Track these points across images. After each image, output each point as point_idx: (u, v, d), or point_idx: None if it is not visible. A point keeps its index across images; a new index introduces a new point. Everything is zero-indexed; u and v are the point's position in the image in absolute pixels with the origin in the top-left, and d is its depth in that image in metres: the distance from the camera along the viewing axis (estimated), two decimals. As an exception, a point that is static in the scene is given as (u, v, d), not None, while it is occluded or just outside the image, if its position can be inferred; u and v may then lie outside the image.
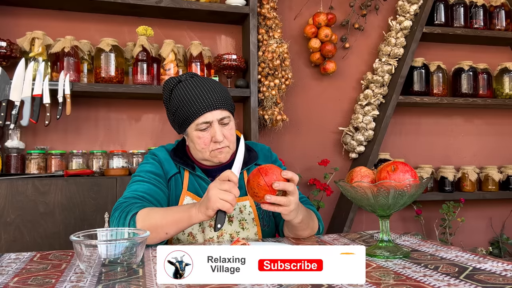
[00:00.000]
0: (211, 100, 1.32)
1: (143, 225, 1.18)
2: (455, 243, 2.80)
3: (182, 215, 1.19)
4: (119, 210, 1.25)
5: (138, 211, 1.21)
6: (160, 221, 1.19)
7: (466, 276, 0.86)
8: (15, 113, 2.03)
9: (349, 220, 2.56)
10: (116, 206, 1.28)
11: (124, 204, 1.26)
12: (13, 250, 1.87)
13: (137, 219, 1.19)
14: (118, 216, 1.23)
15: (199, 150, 1.36)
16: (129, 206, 1.24)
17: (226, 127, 1.35)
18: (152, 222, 1.19)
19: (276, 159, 1.54)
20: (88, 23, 2.39)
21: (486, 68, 2.85)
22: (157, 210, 1.23)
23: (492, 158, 3.02)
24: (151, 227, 1.17)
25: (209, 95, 1.32)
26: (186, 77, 1.38)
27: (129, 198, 1.29)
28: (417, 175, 1.05)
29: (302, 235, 1.34)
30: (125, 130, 2.43)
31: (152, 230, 1.15)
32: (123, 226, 1.20)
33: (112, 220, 1.25)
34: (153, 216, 1.20)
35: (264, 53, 2.43)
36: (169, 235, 1.21)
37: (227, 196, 1.11)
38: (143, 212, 1.21)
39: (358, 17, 2.75)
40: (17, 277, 0.91)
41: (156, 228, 1.18)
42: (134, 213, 1.20)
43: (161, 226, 1.19)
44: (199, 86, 1.34)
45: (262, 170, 1.13)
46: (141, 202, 1.28)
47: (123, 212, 1.23)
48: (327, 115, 2.76)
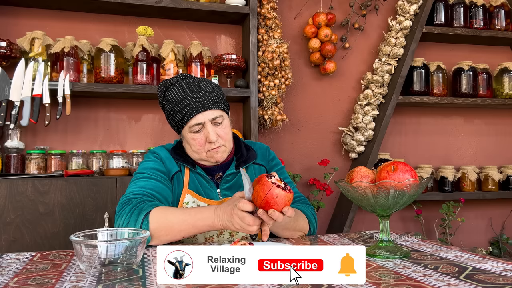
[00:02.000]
0: (202, 101, 1.31)
1: (158, 226, 1.17)
2: (455, 243, 2.80)
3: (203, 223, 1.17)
4: (129, 206, 1.22)
5: (151, 210, 1.19)
6: (178, 226, 1.17)
7: (466, 276, 0.86)
8: (15, 113, 2.03)
9: (349, 220, 2.56)
10: (125, 200, 1.25)
11: (135, 200, 1.24)
12: (13, 250, 1.87)
13: (150, 219, 1.17)
14: (130, 212, 1.20)
15: (195, 151, 1.36)
16: (141, 203, 1.22)
17: (220, 127, 1.35)
18: (168, 225, 1.17)
19: (274, 157, 1.53)
20: (88, 23, 2.39)
21: (486, 68, 2.85)
22: (173, 211, 1.21)
23: (492, 158, 3.02)
24: (167, 228, 1.16)
25: (200, 96, 1.32)
26: (177, 79, 1.38)
27: (139, 195, 1.27)
28: (417, 175, 1.05)
29: (283, 235, 1.32)
30: (125, 130, 2.43)
31: (167, 231, 1.15)
32: (134, 222, 1.17)
33: (121, 215, 1.21)
34: (169, 218, 1.18)
35: (264, 53, 2.43)
36: (184, 237, 1.21)
37: (251, 229, 1.10)
38: (157, 211, 1.19)
39: (358, 17, 2.75)
40: (17, 277, 0.91)
41: (172, 230, 1.17)
42: (147, 211, 1.18)
43: (179, 230, 1.17)
44: (190, 87, 1.33)
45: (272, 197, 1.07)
46: (153, 200, 1.26)
47: (135, 209, 1.20)
48: (327, 115, 2.76)
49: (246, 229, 1.11)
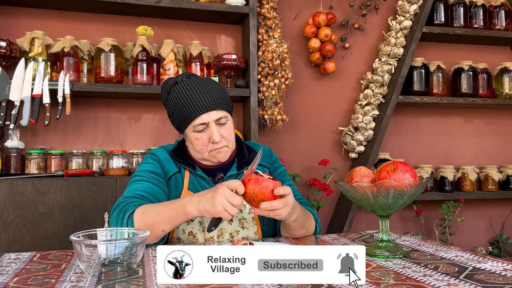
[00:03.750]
0: (207, 101, 1.32)
1: (140, 224, 1.18)
2: (455, 243, 2.80)
3: (177, 212, 1.19)
4: (117, 210, 1.25)
5: (135, 209, 1.21)
6: (156, 218, 1.19)
7: (466, 276, 0.86)
8: (15, 113, 2.03)
9: (349, 220, 2.56)
10: (115, 205, 1.28)
11: (123, 203, 1.26)
12: (13, 250, 1.86)
13: (134, 218, 1.19)
14: (117, 215, 1.23)
15: (198, 151, 1.37)
16: (127, 205, 1.24)
17: (224, 127, 1.35)
18: (148, 220, 1.19)
19: (276, 159, 1.54)
20: (88, 23, 2.39)
21: (485, 68, 2.85)
22: (152, 207, 1.23)
23: (491, 158, 3.02)
24: (147, 225, 1.17)
25: (205, 96, 1.32)
26: (182, 78, 1.38)
27: (128, 198, 1.29)
28: (416, 175, 1.05)
29: (296, 234, 1.34)
30: (125, 130, 2.43)
31: (149, 228, 1.15)
32: (121, 225, 1.20)
33: (111, 220, 1.26)
34: (148, 214, 1.20)
35: (264, 53, 2.43)
36: (165, 232, 1.21)
37: (232, 210, 1.11)
38: (139, 210, 1.21)
39: (358, 17, 2.75)
40: (17, 277, 0.91)
41: (152, 226, 1.18)
42: (131, 212, 1.20)
43: (157, 223, 1.19)
44: (196, 87, 1.34)
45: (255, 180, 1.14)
46: (139, 200, 1.28)
47: (121, 212, 1.23)
48: (327, 115, 2.76)
49: (229, 211, 1.11)
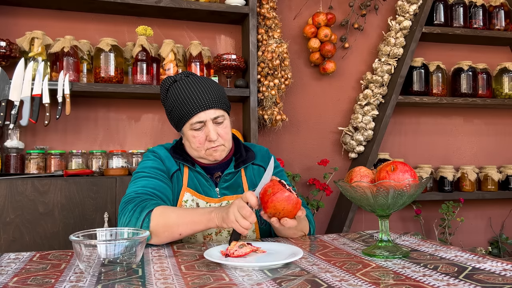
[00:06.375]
0: (205, 99, 1.33)
1: (158, 223, 1.18)
2: (455, 243, 2.80)
3: (201, 218, 1.18)
4: (132, 204, 1.23)
5: (154, 208, 1.21)
6: (177, 220, 1.18)
7: (466, 276, 0.86)
8: (15, 113, 2.03)
9: (349, 220, 2.56)
10: (127, 199, 1.27)
11: (138, 199, 1.26)
12: (12, 250, 1.87)
13: (152, 216, 1.19)
14: (132, 209, 1.22)
15: (195, 149, 1.38)
16: (143, 201, 1.24)
17: (221, 126, 1.37)
18: (168, 221, 1.18)
19: (274, 160, 1.54)
20: (88, 23, 2.39)
21: (485, 68, 2.85)
22: (173, 209, 1.23)
23: (491, 158, 3.02)
24: (166, 226, 1.18)
25: (203, 94, 1.33)
26: (181, 76, 1.40)
27: (141, 194, 1.28)
28: (416, 175, 1.05)
29: (291, 236, 1.35)
30: (124, 130, 2.43)
31: (166, 229, 1.15)
32: (136, 220, 1.19)
33: (124, 213, 1.23)
34: (169, 215, 1.20)
35: (264, 53, 2.43)
36: (183, 235, 1.21)
37: (244, 222, 1.10)
38: (159, 210, 1.20)
39: (357, 17, 2.76)
40: (17, 277, 0.91)
41: (171, 227, 1.18)
42: (150, 210, 1.20)
43: (177, 225, 1.19)
44: (194, 85, 1.35)
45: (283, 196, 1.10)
46: (155, 199, 1.28)
47: (137, 207, 1.22)
48: (327, 115, 2.76)
49: (240, 222, 1.10)
